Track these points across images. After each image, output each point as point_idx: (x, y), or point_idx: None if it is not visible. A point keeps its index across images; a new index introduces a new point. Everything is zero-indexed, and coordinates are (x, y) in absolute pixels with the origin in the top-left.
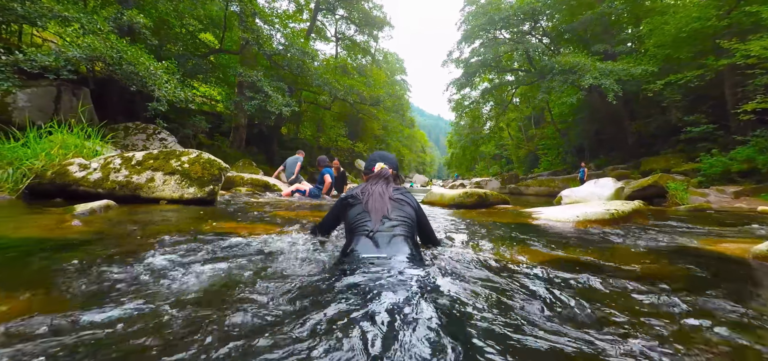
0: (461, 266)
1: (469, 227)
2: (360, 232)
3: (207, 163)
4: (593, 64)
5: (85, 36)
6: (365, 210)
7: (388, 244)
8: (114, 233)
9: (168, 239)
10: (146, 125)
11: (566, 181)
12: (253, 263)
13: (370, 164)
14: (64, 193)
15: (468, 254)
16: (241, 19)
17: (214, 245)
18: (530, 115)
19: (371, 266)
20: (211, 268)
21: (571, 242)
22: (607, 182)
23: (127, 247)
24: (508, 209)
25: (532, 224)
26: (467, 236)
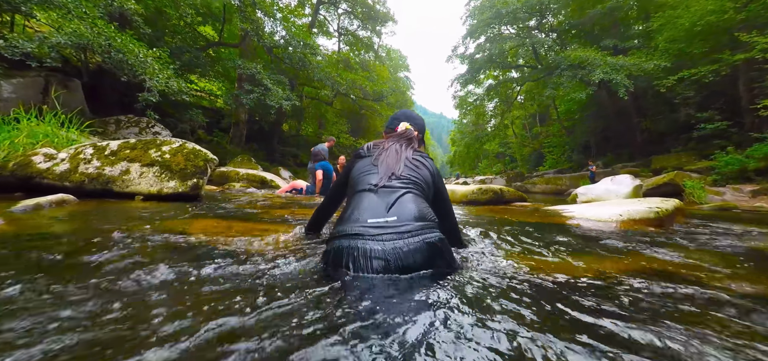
0: (502, 279)
1: (492, 228)
2: (361, 187)
3: (191, 154)
4: (603, 59)
5: (71, 21)
6: (373, 164)
7: (394, 205)
8: (40, 235)
9: (100, 249)
10: (139, 118)
11: (574, 179)
12: (198, 281)
13: (392, 123)
14: (27, 186)
15: (503, 261)
16: (240, 10)
17: (160, 254)
18: (535, 113)
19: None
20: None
21: (632, 246)
22: (624, 180)
23: (25, 260)
24: (528, 207)
25: (569, 224)
26: (496, 239)
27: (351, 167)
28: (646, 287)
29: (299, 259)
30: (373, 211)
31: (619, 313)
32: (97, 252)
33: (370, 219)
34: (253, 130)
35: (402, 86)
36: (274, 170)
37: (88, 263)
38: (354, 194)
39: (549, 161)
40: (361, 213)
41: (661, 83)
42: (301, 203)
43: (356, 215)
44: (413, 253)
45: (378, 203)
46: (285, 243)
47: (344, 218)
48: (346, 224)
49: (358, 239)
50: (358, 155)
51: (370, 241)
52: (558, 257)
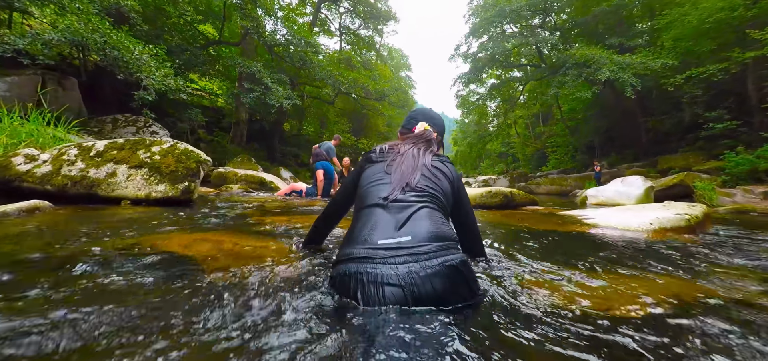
0: (550, 319)
1: (511, 239)
2: (370, 200)
3: (182, 155)
4: (609, 58)
5: (65, 17)
6: (385, 171)
7: (408, 222)
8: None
9: (39, 278)
10: (137, 118)
11: (579, 180)
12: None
13: (409, 123)
14: (6, 190)
15: (542, 291)
16: (240, 7)
17: (113, 292)
18: (538, 113)
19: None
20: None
21: (682, 263)
22: (635, 181)
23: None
24: (540, 211)
25: (593, 233)
26: (520, 256)
27: (360, 173)
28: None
29: (296, 293)
30: (383, 230)
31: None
32: (27, 286)
33: (380, 240)
34: (254, 129)
35: (404, 85)
36: (275, 170)
37: (12, 300)
38: (363, 207)
39: (552, 161)
40: (369, 233)
41: (668, 82)
42: (300, 208)
43: (364, 234)
44: (431, 278)
45: (389, 221)
46: (281, 266)
47: (351, 238)
48: (353, 246)
49: (366, 262)
50: (369, 159)
51: (381, 265)
52: (604, 279)
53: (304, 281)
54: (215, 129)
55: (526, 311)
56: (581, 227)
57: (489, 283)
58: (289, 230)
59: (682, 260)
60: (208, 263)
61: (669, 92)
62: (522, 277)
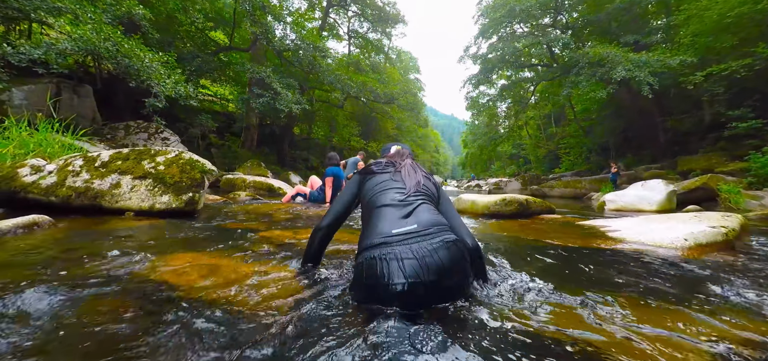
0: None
1: (530, 257)
2: (382, 201)
3: (187, 166)
4: (625, 56)
5: (78, 27)
6: (392, 179)
7: (412, 215)
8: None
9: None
10: (148, 124)
11: (594, 182)
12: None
13: (385, 150)
14: (12, 201)
15: (567, 341)
16: (249, 13)
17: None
18: (550, 113)
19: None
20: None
21: (727, 293)
22: (656, 185)
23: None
24: (558, 220)
25: (619, 249)
26: (542, 281)
27: (361, 183)
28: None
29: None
30: (395, 222)
31: None
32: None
33: (394, 230)
34: (265, 134)
35: (413, 88)
36: (285, 175)
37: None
38: (376, 207)
39: (565, 163)
40: (384, 226)
41: (688, 80)
42: (305, 218)
43: (380, 227)
44: (437, 250)
45: (398, 215)
46: (281, 300)
47: (371, 232)
48: (374, 237)
49: (386, 246)
50: (371, 171)
51: (398, 246)
52: (653, 318)
53: (311, 323)
54: (226, 134)
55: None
56: (606, 242)
57: (504, 322)
58: (293, 246)
59: (734, 287)
60: (199, 294)
61: (688, 90)
62: (546, 314)
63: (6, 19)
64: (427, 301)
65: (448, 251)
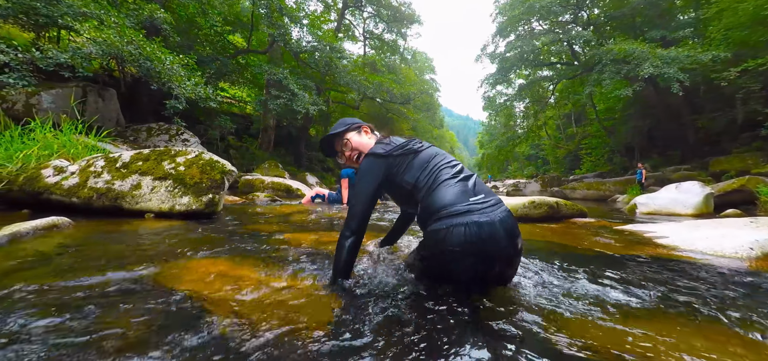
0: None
1: (567, 266)
2: (446, 176)
3: (207, 166)
4: (652, 52)
5: (102, 31)
6: (437, 154)
7: (477, 186)
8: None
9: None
10: (169, 126)
11: (619, 184)
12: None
13: (353, 122)
14: (36, 202)
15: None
16: (266, 16)
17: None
18: (570, 113)
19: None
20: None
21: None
22: (691, 187)
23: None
24: (593, 224)
25: (672, 258)
26: (585, 284)
27: (397, 166)
28: None
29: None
30: (465, 194)
31: None
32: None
33: (472, 198)
34: (281, 135)
35: (428, 88)
36: (301, 176)
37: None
38: (439, 184)
39: (587, 164)
40: (456, 197)
41: (720, 76)
42: (325, 221)
43: (452, 198)
44: (507, 219)
45: (463, 187)
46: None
47: (441, 205)
48: (451, 207)
49: (470, 214)
50: (413, 151)
51: (477, 214)
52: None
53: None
54: (244, 135)
55: None
56: (655, 250)
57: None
58: (318, 252)
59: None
60: (224, 312)
61: (720, 87)
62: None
63: (36, 26)
64: (501, 270)
65: (511, 218)
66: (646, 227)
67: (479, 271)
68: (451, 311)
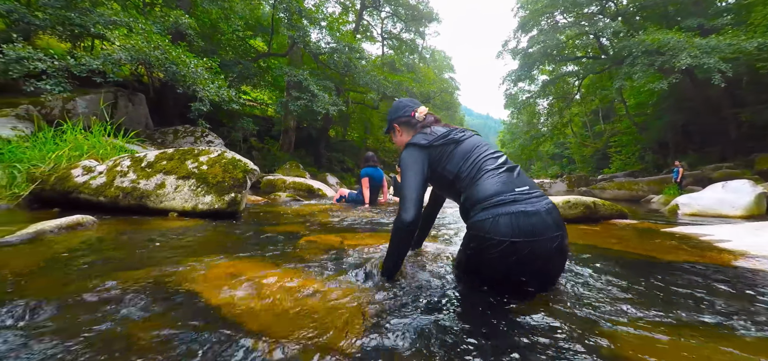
0: None
1: (609, 273)
2: (490, 166)
3: (229, 165)
4: (689, 41)
5: (130, 37)
6: (479, 143)
7: (519, 177)
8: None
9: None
10: (194, 128)
11: (653, 183)
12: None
13: (406, 110)
14: (66, 201)
15: None
16: (287, 18)
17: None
18: (597, 109)
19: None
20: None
21: None
22: (741, 187)
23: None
24: (636, 226)
25: (743, 267)
26: (649, 297)
27: (440, 156)
28: None
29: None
30: (509, 184)
31: None
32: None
33: (517, 189)
34: (301, 136)
35: (448, 87)
36: (322, 176)
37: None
38: (483, 174)
39: (616, 163)
40: (500, 187)
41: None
42: (354, 219)
43: (496, 189)
44: (551, 211)
45: (506, 178)
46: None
47: (485, 196)
48: (496, 197)
49: (515, 204)
50: (455, 141)
51: (523, 203)
52: None
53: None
54: (266, 137)
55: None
56: (720, 256)
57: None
58: (344, 255)
59: None
60: (247, 321)
61: (766, 77)
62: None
63: (72, 36)
64: (549, 265)
65: (556, 211)
66: (699, 229)
67: (527, 264)
68: (499, 319)
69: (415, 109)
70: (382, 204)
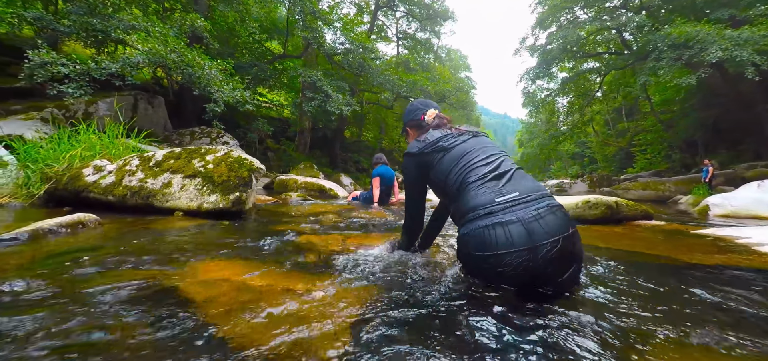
0: None
1: (633, 279)
2: (476, 176)
3: (235, 164)
4: (720, 33)
5: (148, 41)
6: (468, 148)
7: (527, 185)
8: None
9: None
10: (211, 129)
11: (681, 183)
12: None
13: (416, 113)
14: (77, 200)
15: None
16: (301, 20)
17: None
18: (620, 107)
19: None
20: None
21: None
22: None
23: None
24: (662, 227)
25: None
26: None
27: (429, 166)
28: None
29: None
30: (495, 193)
31: None
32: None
33: (498, 199)
34: (317, 137)
35: (464, 86)
36: (336, 177)
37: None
38: (468, 184)
39: (640, 162)
40: (484, 197)
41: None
42: (359, 218)
43: (480, 200)
44: (543, 216)
45: (495, 185)
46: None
47: (470, 207)
48: (478, 209)
49: (490, 217)
50: (443, 149)
51: (502, 214)
52: None
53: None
54: (281, 138)
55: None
56: (760, 259)
57: None
58: (344, 257)
59: None
60: (232, 333)
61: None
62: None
63: (96, 42)
64: (539, 277)
65: (555, 216)
66: (733, 231)
67: (515, 276)
68: (499, 323)
69: (425, 112)
70: (393, 204)
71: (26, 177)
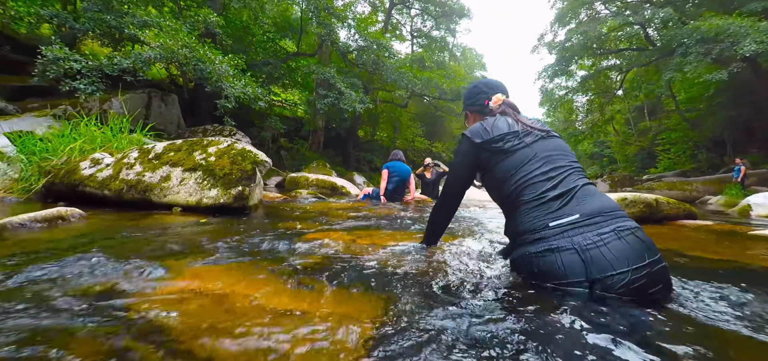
0: None
1: (703, 284)
2: (533, 194)
3: (238, 156)
4: (753, 26)
5: (159, 36)
6: (531, 155)
7: (593, 206)
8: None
9: None
10: (223, 127)
11: (710, 183)
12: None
13: (479, 97)
14: (74, 194)
15: None
16: (315, 16)
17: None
18: (642, 105)
19: None
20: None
21: None
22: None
23: None
24: (711, 227)
25: None
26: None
27: (489, 160)
28: None
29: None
30: (549, 215)
31: None
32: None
33: (553, 223)
34: (330, 136)
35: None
36: (349, 176)
37: None
38: (524, 202)
39: (664, 162)
40: (534, 221)
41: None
42: (369, 219)
43: (533, 223)
44: (606, 243)
45: (550, 208)
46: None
47: (523, 228)
48: (524, 235)
49: (540, 242)
50: (504, 151)
51: (553, 239)
52: None
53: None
54: (295, 137)
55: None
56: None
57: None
58: (348, 259)
59: None
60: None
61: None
62: None
63: (113, 40)
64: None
65: (623, 242)
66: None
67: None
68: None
69: (489, 97)
70: (407, 202)
71: (23, 171)
